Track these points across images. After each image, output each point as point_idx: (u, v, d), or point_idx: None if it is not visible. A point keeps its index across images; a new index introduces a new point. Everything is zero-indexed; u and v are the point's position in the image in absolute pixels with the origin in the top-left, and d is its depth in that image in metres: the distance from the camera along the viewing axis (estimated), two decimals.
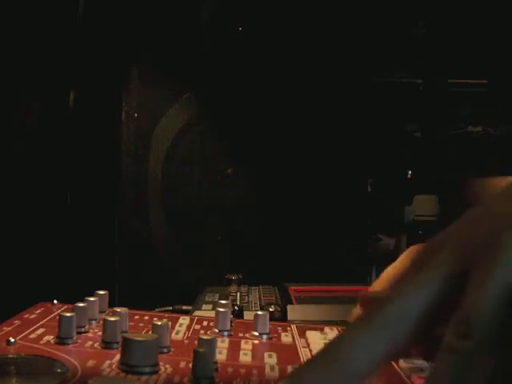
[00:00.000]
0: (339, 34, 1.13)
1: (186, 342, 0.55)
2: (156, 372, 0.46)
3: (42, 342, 0.51)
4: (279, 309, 0.72)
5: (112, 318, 0.52)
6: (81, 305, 0.55)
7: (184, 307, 0.81)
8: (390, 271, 0.44)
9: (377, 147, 1.14)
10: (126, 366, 0.46)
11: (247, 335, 0.57)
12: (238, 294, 0.83)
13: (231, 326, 0.58)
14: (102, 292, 0.62)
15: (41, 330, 0.55)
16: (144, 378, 0.45)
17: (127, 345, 0.46)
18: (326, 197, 1.13)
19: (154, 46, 1.11)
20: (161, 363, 0.47)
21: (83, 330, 0.55)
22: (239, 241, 1.12)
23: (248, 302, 0.79)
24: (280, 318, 0.72)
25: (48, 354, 0.49)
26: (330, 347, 0.35)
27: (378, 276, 0.45)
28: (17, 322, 0.57)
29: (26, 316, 0.59)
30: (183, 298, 0.85)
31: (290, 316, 0.71)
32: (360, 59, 1.13)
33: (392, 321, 0.35)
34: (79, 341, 0.52)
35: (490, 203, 0.37)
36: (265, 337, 0.56)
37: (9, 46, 1.03)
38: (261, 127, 1.12)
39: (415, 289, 0.35)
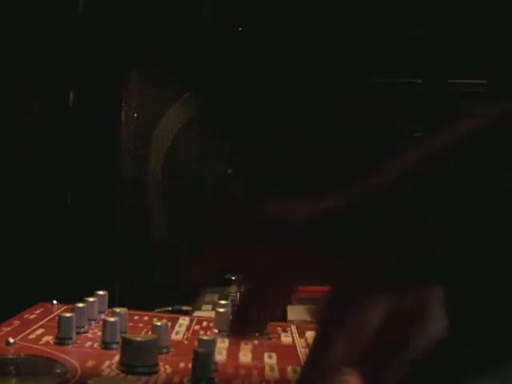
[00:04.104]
0: (339, 33, 1.13)
1: (185, 342, 0.55)
2: (156, 372, 0.46)
3: (41, 343, 0.52)
4: (279, 309, 0.72)
5: (111, 319, 0.52)
6: (80, 305, 0.56)
7: (184, 307, 0.81)
8: None
9: (376, 147, 1.14)
10: (126, 367, 0.46)
11: None
12: (238, 294, 0.83)
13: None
14: (101, 292, 0.62)
15: (40, 331, 0.55)
16: (143, 378, 0.45)
17: (127, 345, 0.46)
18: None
19: (153, 47, 1.11)
20: (160, 364, 0.47)
21: (83, 330, 0.55)
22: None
23: None
24: (280, 318, 0.71)
25: (47, 354, 0.49)
26: None
27: None
28: (16, 322, 0.57)
29: (25, 316, 0.59)
30: (183, 298, 0.85)
31: (289, 316, 0.71)
32: (360, 59, 1.13)
33: None
34: (79, 341, 0.52)
35: None
36: (265, 337, 0.56)
37: (9, 46, 1.03)
38: (261, 127, 1.12)
39: None
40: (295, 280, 0.39)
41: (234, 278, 0.89)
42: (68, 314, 0.52)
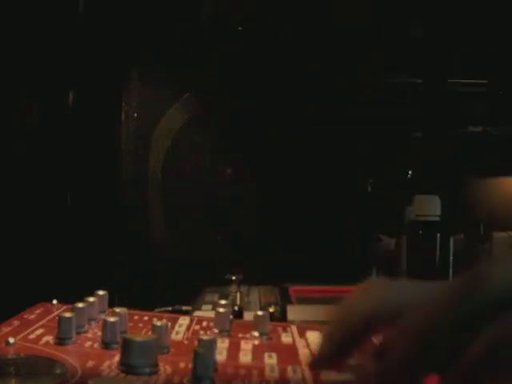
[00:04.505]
0: (339, 33, 1.13)
1: (185, 342, 0.55)
2: (156, 372, 0.46)
3: (41, 343, 0.51)
4: (279, 309, 0.72)
5: (111, 319, 0.52)
6: (80, 305, 0.55)
7: (184, 307, 0.81)
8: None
9: (377, 147, 1.14)
10: (126, 367, 0.45)
11: (247, 335, 0.57)
12: (238, 294, 0.83)
13: (231, 326, 0.58)
14: (101, 292, 0.62)
15: (40, 331, 0.55)
16: (144, 378, 0.45)
17: (127, 345, 0.46)
18: (326, 197, 1.13)
19: (153, 46, 1.11)
20: (160, 364, 0.47)
21: (83, 330, 0.55)
22: (239, 241, 1.12)
23: (248, 302, 0.79)
24: (280, 318, 0.71)
25: (47, 354, 0.49)
26: None
27: (377, 276, 0.46)
28: (16, 322, 0.57)
29: (25, 316, 0.59)
30: (183, 298, 0.85)
31: (289, 316, 0.71)
32: (360, 59, 1.13)
33: None
34: (79, 341, 0.52)
35: None
36: (265, 337, 0.56)
37: (9, 46, 1.03)
38: (261, 127, 1.12)
39: None
40: None
41: (233, 277, 0.89)
42: (68, 314, 0.52)
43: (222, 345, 0.53)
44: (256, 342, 0.55)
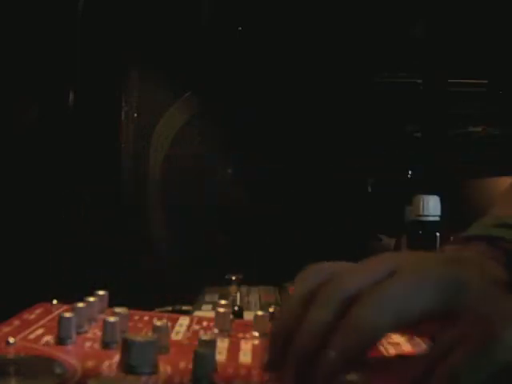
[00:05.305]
0: (339, 33, 1.13)
1: (185, 342, 0.55)
2: (156, 372, 0.46)
3: (41, 343, 0.51)
4: (279, 309, 0.72)
5: (111, 319, 0.52)
6: (80, 305, 0.55)
7: (184, 307, 0.80)
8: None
9: (377, 147, 1.14)
10: (126, 367, 0.45)
11: (247, 335, 0.57)
12: (238, 294, 0.83)
13: (231, 326, 0.58)
14: (101, 292, 0.62)
15: (40, 331, 0.55)
16: (143, 378, 0.45)
17: (127, 345, 0.46)
18: (326, 197, 1.13)
19: (153, 46, 1.11)
20: (160, 364, 0.47)
21: (83, 330, 0.55)
22: (239, 241, 1.12)
23: (248, 302, 0.79)
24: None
25: (47, 354, 0.49)
26: None
27: None
28: (16, 322, 0.57)
29: (25, 316, 0.59)
30: (183, 298, 0.85)
31: None
32: (360, 59, 1.13)
33: None
34: (79, 341, 0.52)
35: None
36: (265, 337, 0.56)
37: (9, 47, 1.03)
38: (261, 127, 1.12)
39: None
40: None
41: (233, 277, 0.89)
42: (68, 314, 0.52)
43: (222, 345, 0.53)
44: (256, 342, 0.55)
